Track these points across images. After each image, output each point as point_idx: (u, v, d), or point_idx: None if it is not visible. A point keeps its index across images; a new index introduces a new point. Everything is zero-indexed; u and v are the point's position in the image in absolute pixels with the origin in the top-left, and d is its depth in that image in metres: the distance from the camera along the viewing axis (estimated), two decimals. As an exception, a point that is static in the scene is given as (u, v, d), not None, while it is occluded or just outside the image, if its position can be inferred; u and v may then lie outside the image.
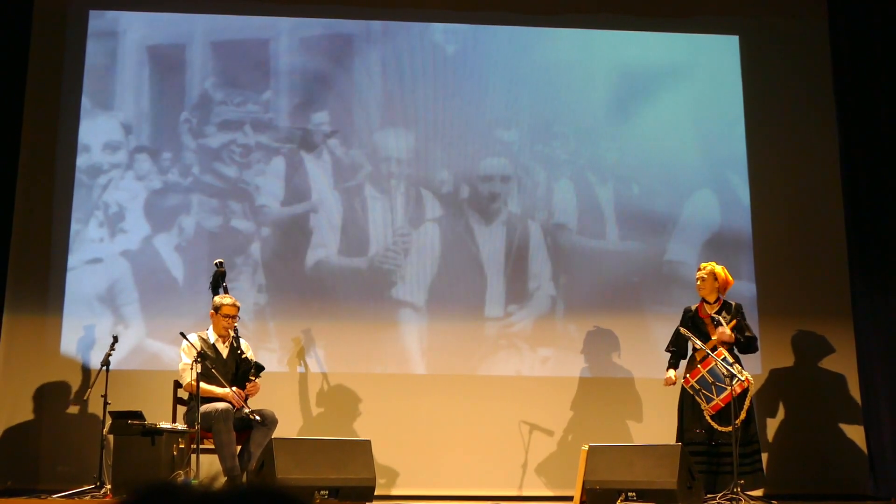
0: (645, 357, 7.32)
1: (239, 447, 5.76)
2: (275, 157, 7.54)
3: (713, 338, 6.14)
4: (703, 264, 6.41)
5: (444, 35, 7.82)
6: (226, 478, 5.53)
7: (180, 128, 7.52)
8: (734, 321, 6.20)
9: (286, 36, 7.73)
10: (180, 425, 5.69)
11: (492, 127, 7.68)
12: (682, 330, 6.17)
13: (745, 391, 5.93)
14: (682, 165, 7.69)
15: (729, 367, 5.87)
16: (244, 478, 5.57)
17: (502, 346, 7.36)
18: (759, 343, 6.37)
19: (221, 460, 5.65)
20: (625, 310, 7.43)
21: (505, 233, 7.52)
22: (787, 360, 7.24)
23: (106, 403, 5.74)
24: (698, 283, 6.34)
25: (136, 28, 7.64)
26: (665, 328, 7.27)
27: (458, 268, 7.46)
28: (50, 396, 6.86)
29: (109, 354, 5.92)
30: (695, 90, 7.81)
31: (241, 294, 7.26)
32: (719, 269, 6.32)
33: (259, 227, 7.42)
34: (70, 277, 7.16)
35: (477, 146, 7.65)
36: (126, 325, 7.16)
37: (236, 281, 7.29)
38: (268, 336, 7.22)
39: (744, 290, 7.27)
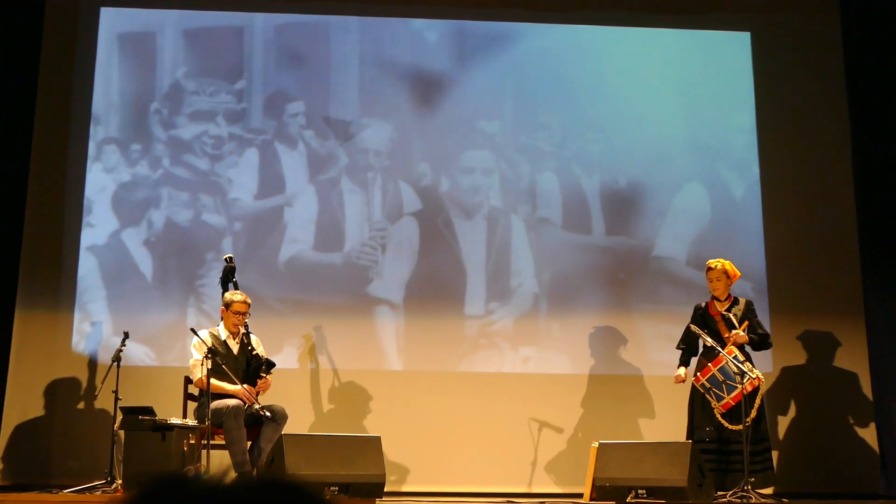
0: (634, 355, 7.13)
1: (249, 443, 5.72)
2: (248, 149, 7.30)
3: (726, 336, 6.00)
4: (711, 262, 6.21)
5: (426, 22, 7.57)
6: (236, 474, 5.43)
7: (150, 118, 7.29)
8: (746, 321, 6.08)
9: (261, 24, 7.48)
10: (191, 421, 5.65)
11: (474, 117, 7.43)
12: (693, 327, 6.04)
13: (755, 389, 5.84)
14: (672, 158, 7.44)
15: (739, 365, 5.77)
16: (254, 473, 5.51)
17: (482, 346, 7.12)
18: (771, 339, 6.25)
19: (232, 456, 5.58)
20: (611, 307, 7.21)
21: (486, 227, 7.27)
22: (798, 358, 7.11)
23: (117, 399, 5.69)
24: (713, 282, 6.15)
25: (106, 15, 7.38)
26: (652, 326, 7.13)
27: (438, 264, 7.22)
28: (61, 392, 6.80)
29: (120, 350, 5.85)
30: (685, 82, 7.57)
31: (212, 290, 7.04)
32: (728, 266, 6.17)
33: (231, 221, 7.18)
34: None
35: (458, 137, 7.40)
36: (92, 323, 6.95)
37: (206, 277, 7.07)
38: (239, 334, 6.96)
39: (755, 288, 7.06)
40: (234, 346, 5.98)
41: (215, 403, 5.60)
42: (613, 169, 7.41)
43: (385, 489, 5.48)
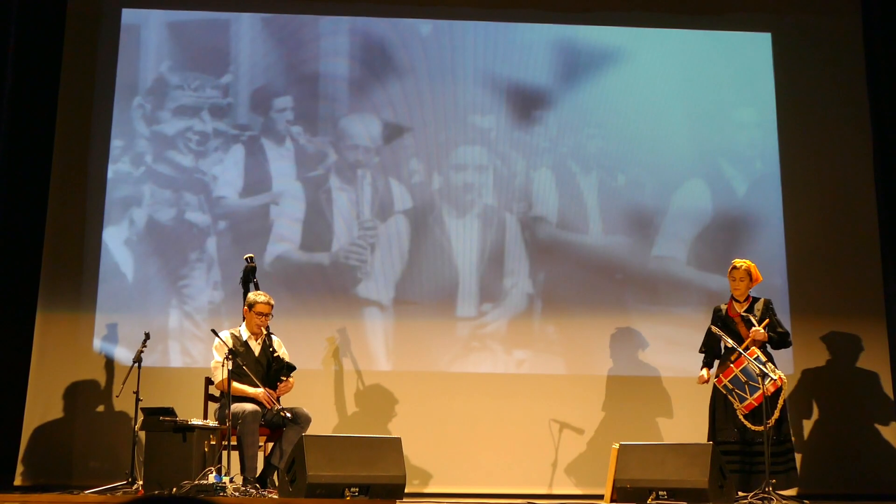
0: (632, 358, 6.94)
1: (271, 444, 5.73)
2: (234, 145, 7.10)
3: (747, 338, 5.91)
4: (736, 262, 6.08)
5: (419, 17, 7.35)
6: (242, 476, 5.47)
7: (133, 113, 7.10)
8: (767, 320, 6.00)
9: (248, 16, 7.26)
10: (211, 422, 5.61)
11: (467, 112, 7.21)
12: (714, 329, 5.95)
13: (778, 390, 5.82)
14: (672, 155, 7.22)
15: (762, 367, 5.73)
16: (275, 475, 5.49)
17: (474, 348, 6.92)
18: (791, 338, 6.19)
19: (241, 459, 5.56)
20: (608, 309, 7.00)
21: (479, 226, 7.06)
22: (819, 359, 7.04)
23: (138, 400, 5.69)
24: (735, 281, 6.03)
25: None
26: (651, 328, 7.01)
27: (428, 264, 7.02)
28: (82, 393, 6.76)
29: (141, 351, 5.81)
30: (689, 79, 7.35)
31: (196, 291, 6.90)
32: (753, 268, 6.07)
33: (216, 219, 6.99)
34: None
35: (450, 133, 7.19)
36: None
37: (189, 278, 6.88)
38: (223, 336, 6.75)
39: (776, 288, 6.89)
40: (256, 348, 5.88)
41: (234, 407, 5.58)
42: (611, 166, 7.17)
43: (406, 490, 5.39)
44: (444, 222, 7.05)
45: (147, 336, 5.89)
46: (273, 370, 5.84)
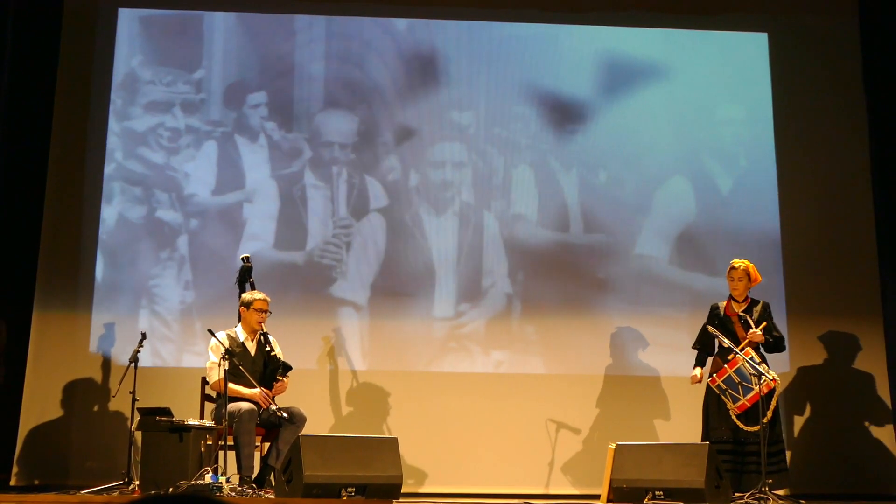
0: (612, 358, 6.85)
1: (267, 444, 5.73)
2: (206, 142, 6.97)
3: (743, 339, 5.89)
4: (735, 262, 6.05)
5: (397, 12, 7.21)
6: (238, 476, 5.48)
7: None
8: (765, 322, 5.97)
9: (221, 10, 7.10)
10: (208, 422, 5.59)
11: (445, 108, 7.09)
12: (710, 328, 5.93)
13: (771, 391, 5.81)
14: (655, 152, 7.11)
15: (756, 367, 5.70)
16: (272, 475, 5.51)
17: (451, 349, 6.80)
18: (786, 343, 6.16)
19: (237, 459, 5.54)
20: (588, 308, 6.89)
21: (457, 224, 6.93)
22: (815, 358, 7.01)
23: (134, 400, 5.66)
24: (734, 281, 6.01)
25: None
26: (633, 327, 6.91)
27: (405, 263, 6.90)
28: (79, 393, 6.71)
29: (138, 351, 5.77)
30: (675, 76, 7.23)
31: (167, 291, 6.79)
32: (751, 268, 6.04)
33: (187, 218, 6.85)
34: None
35: (428, 129, 7.06)
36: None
37: (160, 277, 6.73)
38: (194, 337, 6.63)
39: (771, 287, 6.78)
40: (252, 348, 5.85)
41: (230, 406, 5.57)
42: (592, 163, 7.04)
43: (402, 490, 5.36)
44: (422, 220, 6.91)
45: (143, 336, 5.85)
46: (269, 370, 5.81)
